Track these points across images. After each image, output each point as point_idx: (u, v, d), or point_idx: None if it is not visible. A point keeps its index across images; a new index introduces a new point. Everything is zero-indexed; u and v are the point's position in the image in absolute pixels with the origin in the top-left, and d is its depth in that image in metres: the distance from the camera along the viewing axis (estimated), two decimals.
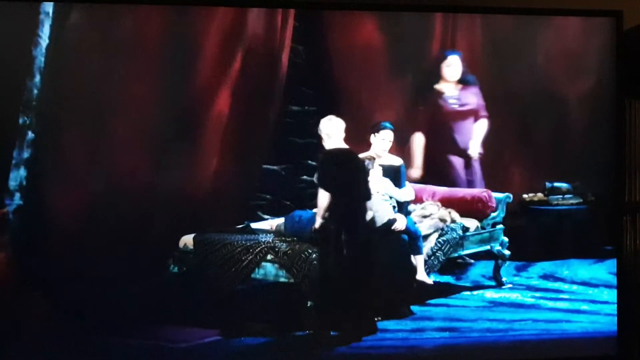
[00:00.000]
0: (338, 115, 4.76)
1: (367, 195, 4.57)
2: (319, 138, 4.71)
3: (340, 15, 4.59)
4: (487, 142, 4.83)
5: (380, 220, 4.62)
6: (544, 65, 4.65)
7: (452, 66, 4.83)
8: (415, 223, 4.79)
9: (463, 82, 4.84)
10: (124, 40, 4.37)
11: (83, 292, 4.31)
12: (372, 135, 4.70)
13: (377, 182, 4.64)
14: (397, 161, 4.76)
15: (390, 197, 4.71)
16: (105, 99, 4.35)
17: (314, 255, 4.46)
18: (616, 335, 4.57)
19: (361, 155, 4.67)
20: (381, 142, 4.69)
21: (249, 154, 4.65)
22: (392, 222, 4.66)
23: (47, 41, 4.36)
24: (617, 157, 4.41)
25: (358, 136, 4.71)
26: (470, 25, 4.75)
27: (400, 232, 4.67)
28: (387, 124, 4.70)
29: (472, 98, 4.87)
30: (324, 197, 4.51)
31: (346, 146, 4.55)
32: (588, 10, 4.35)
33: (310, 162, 4.78)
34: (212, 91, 4.55)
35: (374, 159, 4.73)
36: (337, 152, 4.56)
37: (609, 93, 4.39)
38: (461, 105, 4.87)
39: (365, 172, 4.57)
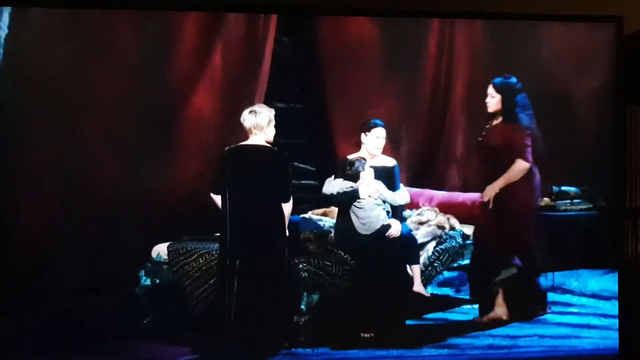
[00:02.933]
0: (328, 113, 4.75)
1: (285, 198, 4.20)
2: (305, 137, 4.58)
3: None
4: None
5: (373, 227, 4.43)
6: (546, 67, 4.68)
7: (488, 96, 4.55)
8: (411, 230, 4.60)
9: (504, 117, 4.53)
10: (92, 30, 4.30)
11: (46, 306, 4.21)
12: (363, 134, 4.51)
13: (369, 185, 4.44)
14: (390, 162, 4.58)
15: (384, 202, 4.48)
16: (72, 95, 4.26)
17: (301, 265, 4.29)
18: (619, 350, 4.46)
19: (351, 157, 4.52)
20: (375, 141, 4.49)
21: None
22: (385, 228, 4.44)
23: (6, 31, 4.20)
24: (618, 161, 4.41)
25: (349, 135, 4.60)
26: (469, 27, 4.78)
27: (395, 239, 4.44)
28: (378, 121, 4.50)
29: (500, 136, 4.56)
30: (217, 202, 4.19)
31: (264, 143, 4.20)
32: (589, 16, 4.41)
33: (297, 164, 4.68)
34: (188, 87, 4.53)
35: (365, 160, 4.50)
36: (244, 149, 4.20)
37: (609, 98, 4.42)
38: (486, 139, 4.59)
39: (284, 176, 4.21)
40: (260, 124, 4.16)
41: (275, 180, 4.18)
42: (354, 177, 4.46)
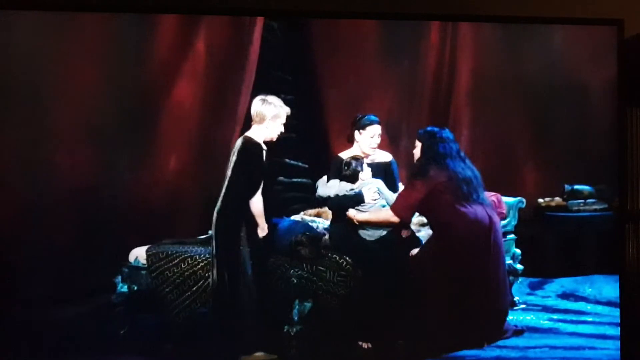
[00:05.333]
0: (322, 105, 4.68)
1: (248, 195, 4.14)
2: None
3: None
4: (496, 138, 4.82)
5: (379, 233, 4.34)
6: (548, 65, 4.64)
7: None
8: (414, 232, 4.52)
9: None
10: (64, 16, 4.21)
11: (11, 315, 4.13)
12: (357, 131, 4.41)
13: (371, 188, 4.36)
14: (386, 157, 4.50)
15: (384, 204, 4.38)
16: (41, 85, 4.20)
17: (293, 270, 4.25)
18: None
19: (343, 155, 4.40)
20: (369, 140, 4.40)
21: (213, 152, 4.41)
22: (392, 232, 4.37)
23: None
24: (619, 164, 4.45)
25: (344, 130, 4.49)
26: (471, 27, 4.74)
27: (402, 243, 4.37)
28: (373, 117, 4.40)
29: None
30: None
31: (250, 135, 4.14)
32: (589, 19, 4.48)
33: (288, 160, 4.65)
34: (169, 77, 4.38)
35: (363, 158, 4.37)
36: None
37: (610, 100, 4.48)
38: None
39: (251, 171, 4.15)
40: (262, 114, 4.12)
41: (243, 174, 4.11)
42: (352, 178, 4.36)
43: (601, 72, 4.53)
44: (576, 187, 4.80)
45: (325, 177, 4.40)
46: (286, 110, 4.16)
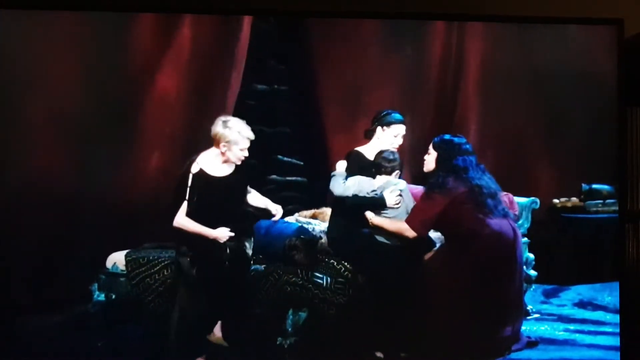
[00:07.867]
0: (319, 96, 4.60)
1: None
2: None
3: None
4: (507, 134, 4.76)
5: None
6: (543, 72, 4.64)
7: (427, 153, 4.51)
8: None
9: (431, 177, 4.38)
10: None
11: None
12: (380, 128, 4.36)
13: (393, 188, 4.31)
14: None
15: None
16: (13, 76, 4.12)
17: (287, 277, 4.17)
18: None
19: (363, 150, 4.31)
20: (392, 139, 4.36)
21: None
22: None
23: None
24: (619, 164, 4.46)
25: (343, 123, 4.51)
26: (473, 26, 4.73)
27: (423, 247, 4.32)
28: (399, 116, 4.35)
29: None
30: None
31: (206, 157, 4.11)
32: (589, 19, 4.55)
33: (281, 157, 4.59)
34: (151, 66, 4.32)
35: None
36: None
37: (610, 101, 4.49)
38: None
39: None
40: (217, 136, 4.00)
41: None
42: (389, 172, 4.28)
43: (594, 78, 4.54)
44: (594, 186, 4.76)
45: (338, 173, 4.27)
46: (247, 136, 4.05)
